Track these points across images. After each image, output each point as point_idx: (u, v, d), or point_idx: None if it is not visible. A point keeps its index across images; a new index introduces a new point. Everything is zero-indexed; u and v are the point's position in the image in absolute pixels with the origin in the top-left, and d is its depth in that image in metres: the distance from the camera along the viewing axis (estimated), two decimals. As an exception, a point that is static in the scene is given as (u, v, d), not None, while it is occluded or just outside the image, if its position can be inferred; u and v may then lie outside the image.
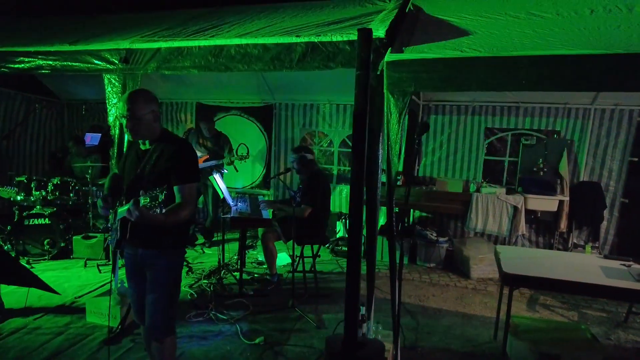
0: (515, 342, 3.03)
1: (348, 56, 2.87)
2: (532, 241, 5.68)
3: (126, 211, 1.98)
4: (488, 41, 2.74)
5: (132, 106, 2.14)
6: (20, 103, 6.97)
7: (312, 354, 3.14)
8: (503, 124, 5.74)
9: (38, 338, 3.22)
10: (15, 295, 3.84)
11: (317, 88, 6.08)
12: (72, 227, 5.17)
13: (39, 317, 3.56)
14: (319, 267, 4.70)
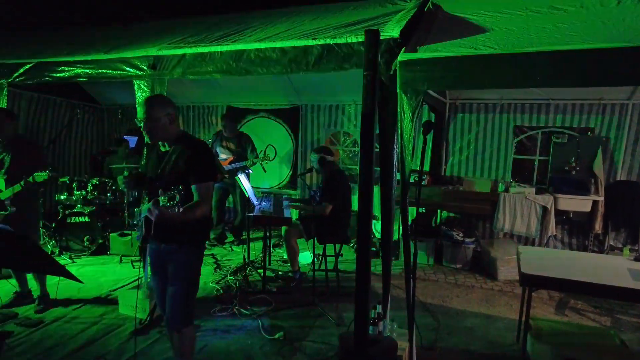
0: (537, 345, 2.96)
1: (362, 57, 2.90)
2: (565, 243, 5.48)
3: (147, 210, 2.13)
4: (504, 38, 2.70)
5: (147, 110, 2.29)
6: (65, 109, 7.45)
7: (330, 350, 3.19)
8: (533, 122, 5.58)
9: (76, 326, 3.46)
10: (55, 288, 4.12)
11: (342, 89, 6.14)
12: (109, 225, 5.48)
13: (78, 308, 3.81)
14: (342, 266, 4.73)
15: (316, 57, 3.02)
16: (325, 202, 4.12)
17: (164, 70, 3.52)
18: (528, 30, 2.76)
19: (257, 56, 3.19)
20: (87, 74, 4.00)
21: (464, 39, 2.81)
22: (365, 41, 2.16)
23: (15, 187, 3.41)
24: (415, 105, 2.66)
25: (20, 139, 3.76)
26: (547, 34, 2.66)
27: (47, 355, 3.02)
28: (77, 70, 4.05)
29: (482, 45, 2.59)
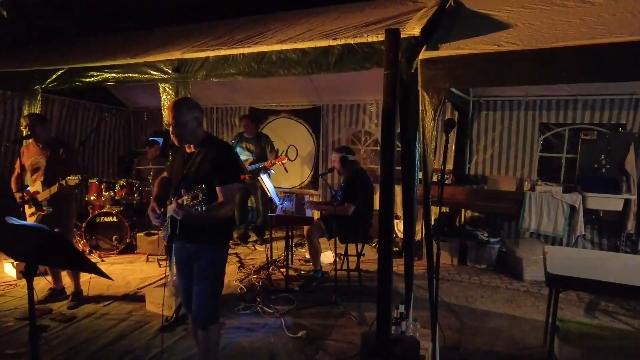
0: (566, 348, 2.89)
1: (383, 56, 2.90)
2: (595, 243, 5.31)
3: (172, 210, 2.19)
4: (528, 33, 2.65)
5: (175, 114, 2.33)
6: (94, 112, 7.70)
7: (352, 350, 3.20)
8: (560, 119, 5.43)
9: (106, 322, 3.58)
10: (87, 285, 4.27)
11: (363, 88, 6.12)
12: (137, 225, 5.64)
13: (107, 304, 3.94)
14: (364, 265, 4.73)
15: (337, 57, 3.04)
16: (348, 202, 4.13)
17: (188, 73, 3.61)
18: (553, 25, 2.71)
19: (279, 58, 3.23)
20: (115, 78, 4.14)
21: (486, 35, 2.78)
22: (386, 40, 2.15)
23: (51, 189, 3.57)
24: (437, 103, 2.65)
25: (56, 142, 3.88)
26: (574, 28, 2.60)
27: (80, 349, 3.13)
28: (105, 75, 4.20)
29: (505, 41, 2.55)
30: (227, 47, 3.53)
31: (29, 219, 3.78)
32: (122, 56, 4.20)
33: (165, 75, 3.75)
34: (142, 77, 3.91)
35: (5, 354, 3.04)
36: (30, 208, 3.77)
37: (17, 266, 4.53)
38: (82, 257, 1.83)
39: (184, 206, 2.10)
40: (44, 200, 3.64)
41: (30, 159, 3.76)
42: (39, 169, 3.71)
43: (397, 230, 5.95)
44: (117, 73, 4.09)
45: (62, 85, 4.57)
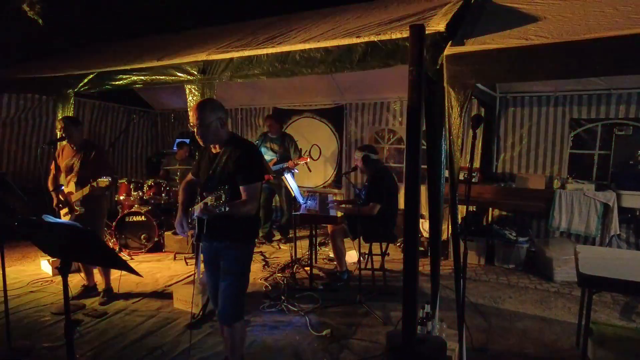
0: (600, 352, 2.79)
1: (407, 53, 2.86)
2: (631, 243, 5.10)
3: (198, 209, 2.24)
4: (558, 26, 2.57)
5: (200, 115, 2.38)
6: (123, 114, 7.94)
7: (377, 349, 3.18)
8: (592, 114, 5.24)
9: (135, 319, 3.68)
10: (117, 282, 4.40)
11: (386, 86, 6.08)
12: (164, 224, 5.76)
13: (137, 301, 4.05)
14: (389, 265, 4.70)
15: (360, 54, 3.02)
16: (372, 202, 4.10)
17: (213, 74, 3.66)
18: (586, 16, 2.61)
19: (302, 57, 3.24)
20: (143, 81, 4.24)
21: (514, 29, 2.70)
22: (410, 36, 2.13)
23: (84, 190, 3.70)
24: (463, 99, 2.60)
25: (88, 144, 4.00)
26: (608, 18, 2.50)
27: (112, 344, 3.23)
28: (133, 78, 4.31)
29: (533, 35, 2.48)
30: (251, 47, 3.56)
31: (63, 217, 3.93)
32: (149, 59, 4.30)
33: (191, 77, 3.81)
34: (168, 79, 3.99)
35: (43, 347, 3.16)
36: (64, 208, 3.92)
37: (53, 263, 4.71)
38: (113, 255, 1.89)
39: (209, 207, 2.14)
40: (76, 200, 3.77)
41: (65, 160, 3.91)
42: (73, 170, 3.85)
43: (423, 229, 5.88)
44: (145, 75, 4.19)
45: (93, 88, 4.71)
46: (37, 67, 5.78)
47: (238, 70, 3.55)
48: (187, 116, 8.00)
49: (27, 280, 4.53)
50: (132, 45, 5.87)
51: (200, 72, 3.70)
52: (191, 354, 3.05)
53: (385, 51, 2.94)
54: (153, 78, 4.11)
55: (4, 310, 3.15)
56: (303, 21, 4.31)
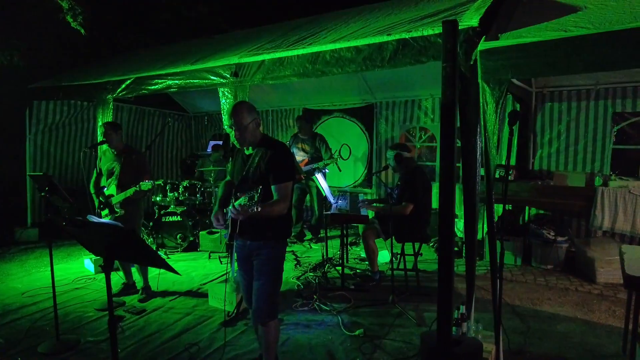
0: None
1: (440, 49, 2.81)
2: (682, 243, 4.82)
3: (231, 210, 2.29)
4: (600, 15, 2.46)
5: (237, 118, 2.43)
6: (158, 118, 8.20)
7: (411, 350, 3.15)
8: (637, 107, 4.97)
9: (172, 316, 3.79)
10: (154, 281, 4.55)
11: (418, 83, 6.00)
12: (199, 224, 5.91)
13: (173, 299, 4.17)
14: (422, 265, 4.64)
15: (391, 52, 3.00)
16: (405, 201, 4.05)
17: (246, 77, 3.72)
18: (631, 3, 2.49)
19: (332, 57, 3.24)
20: (177, 85, 4.36)
21: (552, 21, 2.61)
22: (443, 32, 2.10)
23: (126, 193, 3.86)
24: (498, 95, 2.54)
25: (128, 149, 4.18)
26: (655, 6, 2.38)
27: (151, 339, 3.35)
28: (168, 82, 4.44)
29: (573, 26, 2.39)
30: (282, 49, 3.60)
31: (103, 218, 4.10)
32: (183, 63, 4.42)
33: (223, 80, 3.89)
34: (202, 83, 4.09)
35: (87, 341, 3.31)
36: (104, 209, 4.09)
37: (96, 262, 4.92)
38: (153, 253, 1.95)
39: (242, 207, 2.18)
40: (117, 203, 3.93)
41: (106, 164, 4.09)
42: (114, 173, 4.02)
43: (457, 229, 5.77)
44: (179, 80, 4.31)
45: (131, 93, 4.89)
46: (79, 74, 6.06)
47: (269, 72, 3.60)
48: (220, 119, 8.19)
49: (71, 278, 4.75)
50: (166, 51, 6.05)
51: (233, 75, 3.77)
52: (225, 351, 3.12)
53: (417, 48, 2.90)
54: (187, 82, 4.22)
55: (52, 305, 3.33)
56: (333, 21, 4.32)
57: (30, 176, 5.90)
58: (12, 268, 5.18)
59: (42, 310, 3.88)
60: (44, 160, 6.67)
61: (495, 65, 2.52)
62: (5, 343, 3.28)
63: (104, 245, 1.95)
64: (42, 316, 3.76)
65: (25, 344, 3.26)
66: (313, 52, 3.34)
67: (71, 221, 1.98)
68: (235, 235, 2.56)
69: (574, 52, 2.28)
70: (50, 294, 3.24)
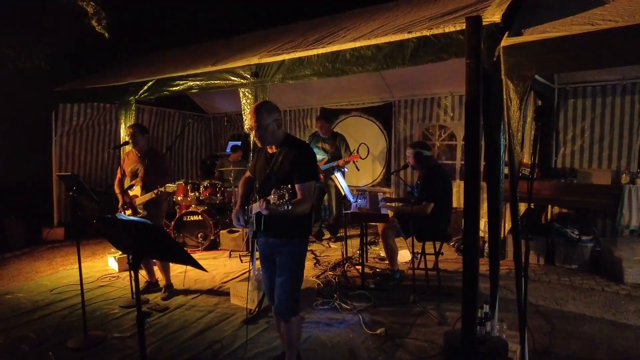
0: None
1: (462, 46, 2.79)
2: None
3: (258, 207, 2.32)
4: (629, 7, 2.41)
5: (257, 117, 2.45)
6: (178, 119, 8.33)
7: (433, 349, 3.12)
8: (666, 102, 4.84)
9: (195, 313, 3.84)
10: (178, 279, 4.63)
11: (437, 80, 5.95)
12: (220, 223, 5.98)
13: (195, 297, 4.23)
14: (443, 265, 4.60)
15: (412, 50, 2.99)
16: (426, 200, 4.02)
17: (266, 77, 3.76)
18: (661, -4, 2.42)
19: (352, 55, 3.25)
20: (198, 86, 4.43)
21: (577, 15, 2.56)
22: (466, 28, 2.08)
23: (150, 194, 3.94)
24: (522, 91, 2.50)
25: (152, 151, 4.25)
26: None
27: (174, 337, 3.40)
28: (189, 83, 4.51)
29: (600, 19, 2.34)
30: (301, 49, 3.62)
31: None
32: (203, 64, 4.48)
33: (244, 81, 3.93)
34: (222, 84, 4.14)
35: (114, 337, 3.39)
36: (127, 209, 4.18)
37: (119, 260, 5.03)
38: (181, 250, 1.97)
39: (271, 205, 2.20)
40: (140, 204, 4.02)
41: (130, 165, 4.17)
42: (137, 175, 4.11)
43: (476, 228, 5.69)
44: (200, 81, 4.37)
45: (152, 95, 4.98)
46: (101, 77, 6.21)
47: (289, 72, 3.62)
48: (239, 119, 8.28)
49: (96, 276, 4.87)
50: (186, 52, 6.15)
51: (253, 76, 3.81)
52: (247, 349, 3.15)
53: (438, 45, 2.89)
54: (208, 83, 4.28)
55: (79, 302, 3.42)
56: (352, 20, 4.32)
57: (59, 176, 6.06)
58: (41, 266, 5.34)
59: (70, 307, 3.98)
60: (69, 162, 6.85)
61: (519, 61, 2.48)
62: (36, 338, 3.39)
63: (131, 243, 1.99)
64: (70, 312, 3.87)
65: (55, 339, 3.36)
66: (333, 51, 3.35)
67: (102, 219, 2.03)
68: (259, 232, 2.59)
69: (602, 46, 2.24)
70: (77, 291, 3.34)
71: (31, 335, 3.44)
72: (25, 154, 6.83)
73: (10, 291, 4.44)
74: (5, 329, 3.54)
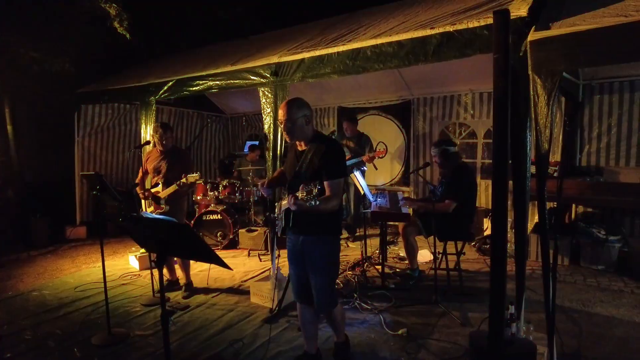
0: None
1: (486, 41, 2.73)
2: None
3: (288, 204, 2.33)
4: (665, -1, 2.31)
5: (287, 111, 2.48)
6: (196, 120, 8.41)
7: (457, 351, 3.07)
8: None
9: (215, 312, 3.86)
10: (198, 277, 4.66)
11: (457, 77, 5.86)
12: (239, 222, 6.01)
13: (215, 296, 4.25)
14: (464, 265, 4.52)
15: (435, 46, 2.94)
16: (449, 199, 3.96)
17: (286, 76, 3.74)
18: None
19: (373, 52, 3.21)
20: (218, 86, 4.44)
21: (609, 6, 2.48)
22: (494, 22, 2.03)
23: (172, 187, 4.01)
24: (551, 87, 2.43)
25: (176, 149, 4.34)
26: None
27: (195, 335, 3.42)
28: (209, 83, 4.52)
29: (634, 10, 2.25)
30: (321, 47, 3.59)
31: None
32: (223, 64, 4.49)
33: (264, 80, 3.92)
34: (242, 83, 4.14)
35: (136, 334, 3.43)
36: (149, 207, 4.23)
37: (140, 259, 5.10)
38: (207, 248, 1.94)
39: (298, 200, 2.19)
40: (164, 198, 4.06)
41: (153, 163, 4.25)
42: (161, 172, 4.19)
43: (498, 227, 5.59)
44: (220, 80, 4.39)
45: (173, 95, 5.02)
46: (121, 78, 6.30)
47: (309, 71, 3.60)
48: (257, 119, 8.32)
49: (118, 274, 4.94)
50: (204, 53, 6.19)
51: (273, 75, 3.80)
52: (269, 348, 3.15)
53: (462, 41, 2.83)
54: (228, 82, 4.28)
55: (102, 300, 3.47)
56: (370, 17, 4.28)
57: (82, 175, 6.19)
58: (65, 264, 5.45)
59: (94, 304, 4.05)
60: (91, 162, 6.98)
61: (547, 56, 2.41)
62: (62, 334, 3.45)
63: (157, 241, 2.00)
64: (93, 310, 3.93)
65: (80, 336, 3.42)
66: (353, 48, 3.32)
67: (127, 218, 2.04)
68: (288, 230, 2.60)
69: (637, 39, 2.15)
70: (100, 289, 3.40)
71: (57, 331, 3.50)
72: (50, 155, 6.98)
73: (37, 288, 4.54)
74: (33, 325, 3.62)
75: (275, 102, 3.87)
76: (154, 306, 3.97)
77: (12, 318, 3.77)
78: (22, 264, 5.47)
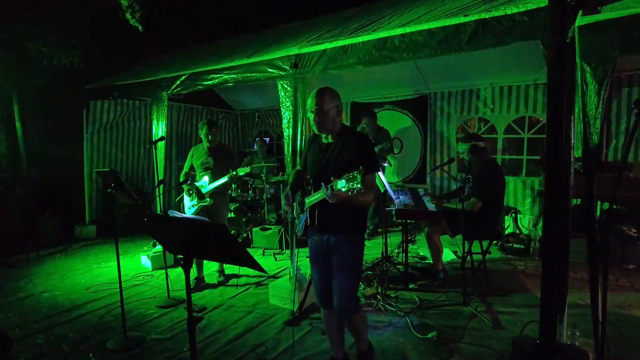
0: None
1: (527, 28, 2.56)
2: None
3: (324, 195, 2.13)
4: None
5: (319, 100, 2.30)
6: (206, 116, 8.24)
7: (491, 355, 2.91)
8: None
9: (233, 315, 3.71)
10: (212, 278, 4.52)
11: (476, 71, 5.68)
12: (252, 220, 5.86)
13: (233, 297, 4.10)
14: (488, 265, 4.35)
15: (470, 34, 2.77)
16: (475, 197, 3.78)
17: (306, 68, 3.58)
18: None
19: (402, 42, 3.05)
20: (234, 79, 4.28)
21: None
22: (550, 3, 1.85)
23: (222, 179, 4.11)
24: (602, 75, 2.26)
25: (222, 146, 4.47)
26: None
27: (215, 339, 3.27)
28: (224, 77, 4.36)
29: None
30: (344, 37, 3.43)
31: (187, 210, 4.28)
32: (238, 57, 4.33)
33: (282, 72, 3.76)
34: (259, 76, 3.98)
35: (152, 338, 3.29)
36: (192, 200, 4.22)
37: (152, 259, 4.96)
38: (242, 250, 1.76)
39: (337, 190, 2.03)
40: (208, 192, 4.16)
41: (200, 159, 4.29)
42: (209, 168, 4.25)
43: (521, 225, 5.43)
44: (236, 74, 4.23)
45: (186, 89, 4.86)
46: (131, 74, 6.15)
47: (332, 62, 3.44)
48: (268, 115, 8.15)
49: (130, 274, 4.80)
50: (218, 46, 6.03)
51: (293, 67, 3.64)
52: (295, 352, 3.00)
53: (499, 28, 2.66)
54: (244, 76, 4.13)
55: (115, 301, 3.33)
56: (392, 7, 4.10)
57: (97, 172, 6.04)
58: (75, 264, 5.32)
59: (107, 306, 3.91)
60: (100, 159, 6.85)
61: (599, 42, 2.24)
62: (75, 338, 3.32)
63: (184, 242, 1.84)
64: (107, 312, 3.80)
65: (94, 340, 3.28)
66: (380, 37, 3.15)
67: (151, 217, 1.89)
68: (312, 229, 2.44)
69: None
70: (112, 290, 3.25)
71: (71, 335, 3.37)
72: (59, 152, 6.85)
73: (48, 289, 4.41)
74: (45, 328, 3.49)
75: (294, 96, 3.71)
76: (170, 308, 3.84)
77: (23, 321, 3.64)
78: (32, 263, 5.35)
